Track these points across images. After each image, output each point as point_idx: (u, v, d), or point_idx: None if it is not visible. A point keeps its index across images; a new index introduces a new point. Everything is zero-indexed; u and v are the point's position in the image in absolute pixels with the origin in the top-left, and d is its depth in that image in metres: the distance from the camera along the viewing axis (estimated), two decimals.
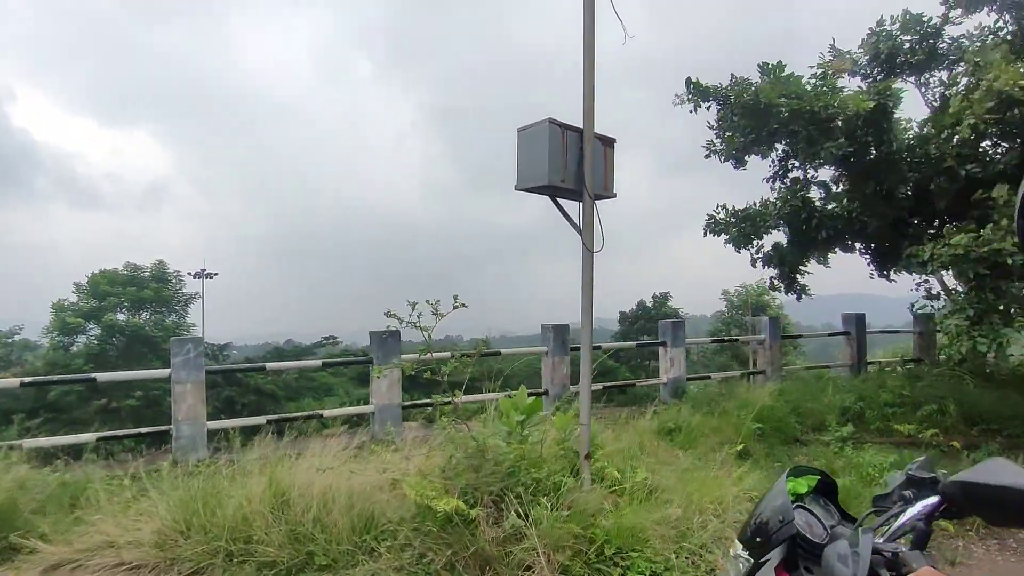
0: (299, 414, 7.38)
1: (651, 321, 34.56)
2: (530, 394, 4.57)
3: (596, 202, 4.35)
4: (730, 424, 6.83)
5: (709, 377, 9.79)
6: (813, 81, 7.84)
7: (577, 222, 4.38)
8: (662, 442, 5.93)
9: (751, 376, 9.64)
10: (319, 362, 13.67)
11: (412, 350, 8.17)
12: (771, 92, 7.60)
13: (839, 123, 7.65)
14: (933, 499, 1.30)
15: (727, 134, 8.67)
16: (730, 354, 26.03)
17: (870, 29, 8.97)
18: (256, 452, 4.58)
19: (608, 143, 4.58)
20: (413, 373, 4.06)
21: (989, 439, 6.57)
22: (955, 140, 7.96)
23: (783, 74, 7.74)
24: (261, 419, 6.92)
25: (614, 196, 4.65)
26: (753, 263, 10.30)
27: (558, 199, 4.47)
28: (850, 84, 8.90)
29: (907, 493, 1.35)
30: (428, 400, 8.38)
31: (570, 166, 4.31)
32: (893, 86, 8.08)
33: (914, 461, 1.43)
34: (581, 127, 4.30)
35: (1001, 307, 7.23)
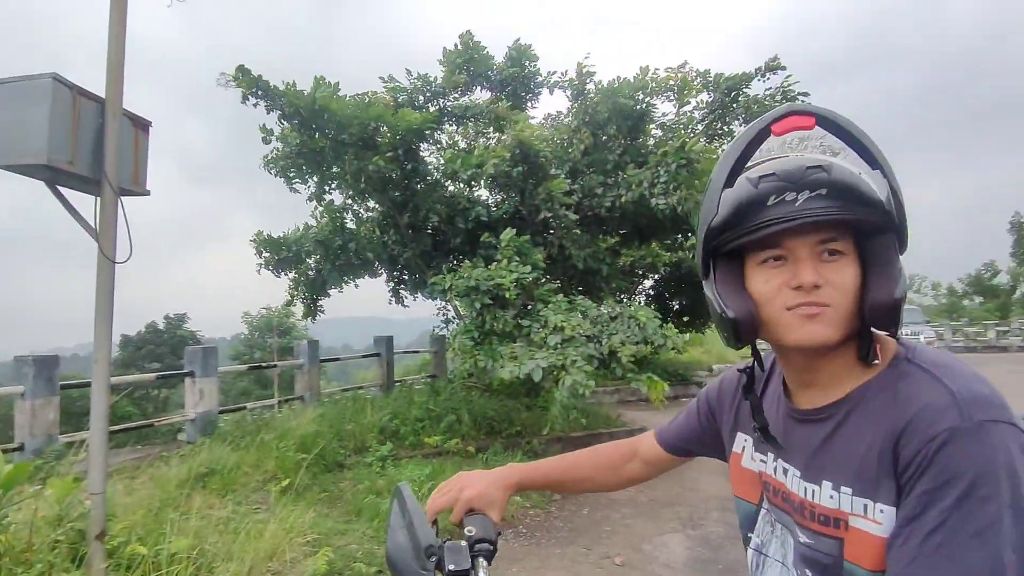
0: None
1: (163, 346, 30.73)
2: None
3: (122, 198, 3.35)
4: (272, 458, 6.33)
5: (245, 407, 8.97)
6: (359, 109, 8.10)
7: (91, 221, 3.29)
8: (196, 492, 4.99)
9: (289, 402, 9.27)
10: None
11: None
12: (327, 98, 7.56)
13: (385, 139, 8.12)
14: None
15: (278, 147, 8.32)
16: (253, 378, 25.01)
17: (382, 78, 9.81)
18: None
19: (142, 126, 3.62)
20: None
21: (493, 441, 7.77)
22: (464, 187, 9.41)
23: (337, 92, 7.82)
24: None
25: (147, 194, 3.69)
26: (294, 287, 10.19)
27: (60, 187, 3.29)
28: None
29: None
30: None
31: (83, 145, 3.22)
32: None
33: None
34: (103, 96, 3.26)
35: (498, 330, 8.74)
